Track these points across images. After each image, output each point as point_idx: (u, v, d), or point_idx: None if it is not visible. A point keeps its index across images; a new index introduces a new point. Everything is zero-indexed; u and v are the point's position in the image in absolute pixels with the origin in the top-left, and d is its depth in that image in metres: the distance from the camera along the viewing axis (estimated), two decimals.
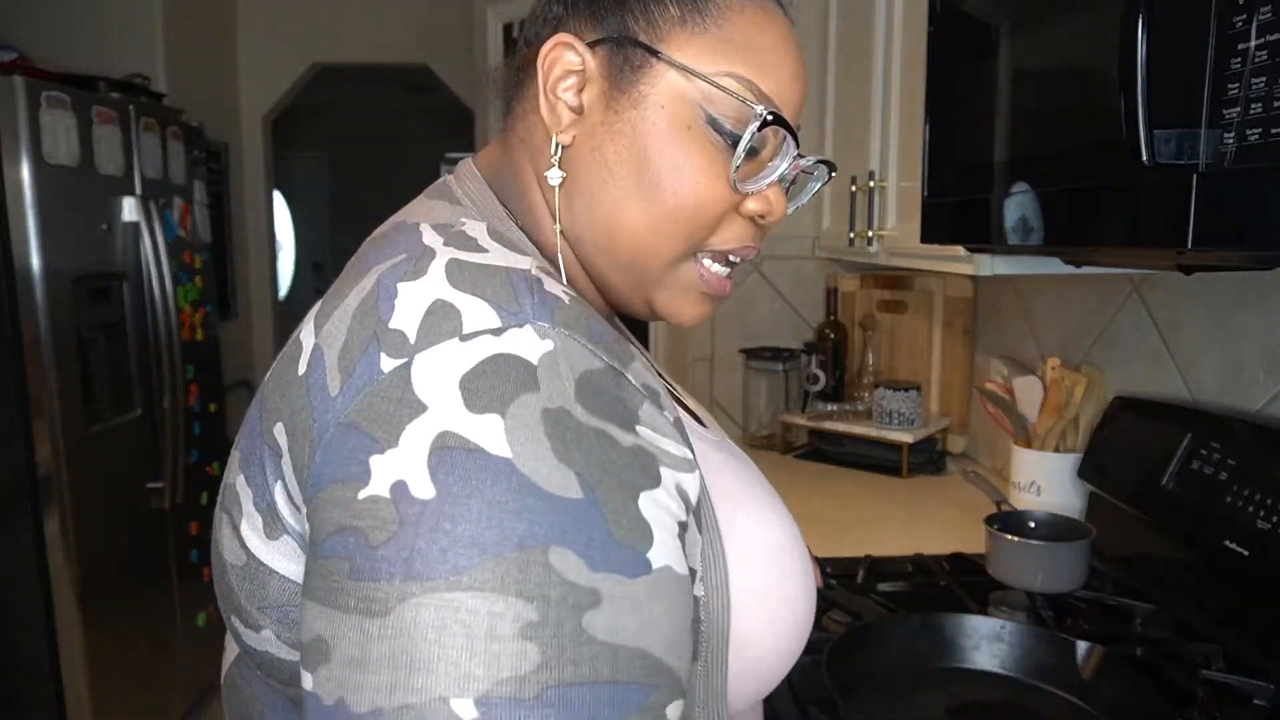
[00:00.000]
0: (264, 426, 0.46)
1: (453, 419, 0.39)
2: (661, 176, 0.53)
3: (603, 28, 0.54)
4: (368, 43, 3.71)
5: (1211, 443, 1.11)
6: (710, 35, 0.53)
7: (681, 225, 0.54)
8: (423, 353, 0.41)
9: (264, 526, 0.46)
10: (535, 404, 0.40)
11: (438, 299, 0.43)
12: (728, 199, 0.54)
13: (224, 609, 0.52)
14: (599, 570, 0.39)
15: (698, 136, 0.53)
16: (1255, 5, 0.57)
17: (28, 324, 2.02)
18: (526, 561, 0.37)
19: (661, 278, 0.56)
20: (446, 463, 0.38)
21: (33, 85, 1.99)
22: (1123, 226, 0.74)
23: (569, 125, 0.54)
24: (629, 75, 0.53)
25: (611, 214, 0.54)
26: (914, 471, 1.87)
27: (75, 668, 2.15)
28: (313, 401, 0.43)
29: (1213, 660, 0.99)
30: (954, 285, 2.01)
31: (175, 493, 2.47)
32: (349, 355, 0.43)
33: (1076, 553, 1.18)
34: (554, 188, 0.55)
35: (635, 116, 0.53)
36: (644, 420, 0.44)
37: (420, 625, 0.36)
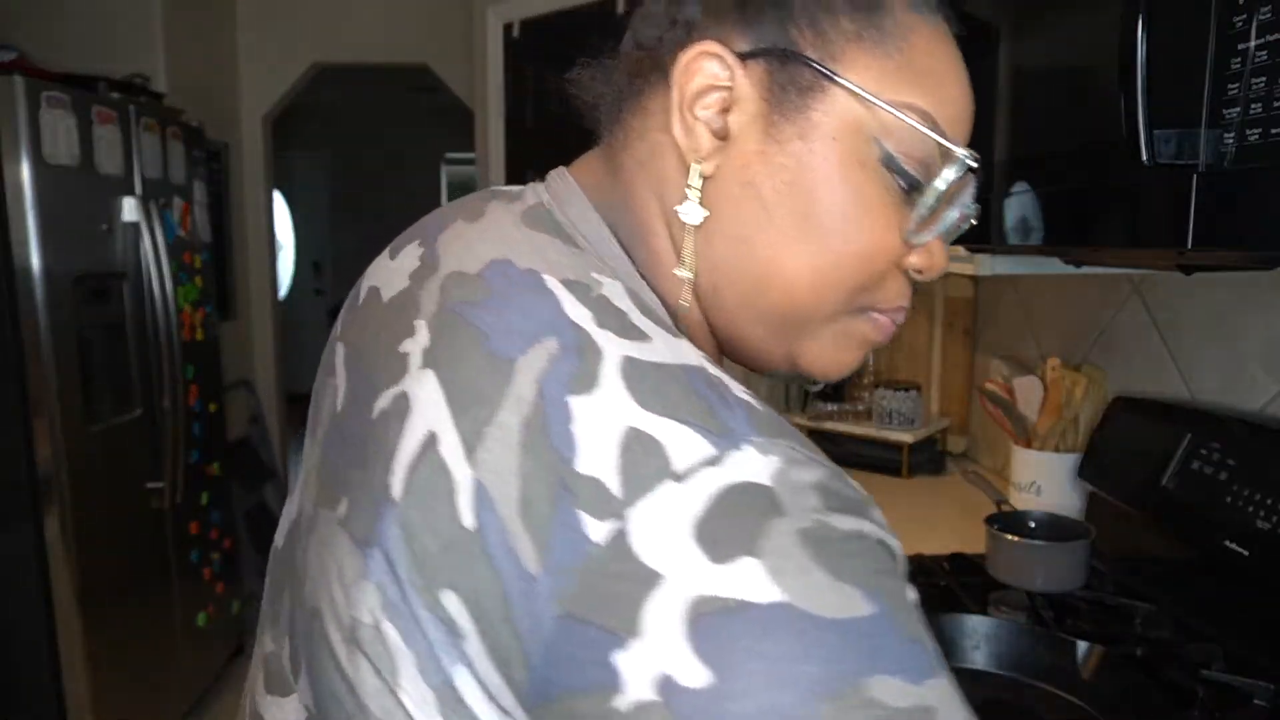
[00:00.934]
0: (422, 579, 0.37)
1: (700, 580, 0.32)
2: (831, 221, 0.44)
3: (757, 38, 0.45)
4: (368, 43, 3.71)
5: (1211, 443, 1.11)
6: (892, 58, 0.45)
7: (848, 278, 0.46)
8: (636, 507, 0.33)
9: (440, 707, 0.37)
10: (788, 529, 0.33)
11: (629, 428, 0.35)
12: (898, 251, 0.46)
13: None
14: (920, 682, 0.33)
15: (871, 176, 0.45)
16: (1255, 5, 0.57)
17: (28, 324, 2.02)
18: (843, 708, 0.31)
19: (816, 331, 0.48)
20: (711, 634, 0.31)
21: (33, 85, 1.99)
22: (1123, 226, 0.74)
23: (711, 152, 0.45)
24: (795, 98, 0.44)
25: (767, 262, 0.45)
26: (914, 471, 1.87)
27: (75, 668, 2.15)
28: (505, 583, 0.34)
29: (1213, 660, 0.99)
30: (954, 285, 2.01)
31: (175, 493, 2.47)
32: (536, 515, 0.34)
33: (1076, 553, 1.18)
34: (690, 227, 0.45)
35: (802, 149, 0.44)
36: (871, 510, 0.38)
37: None
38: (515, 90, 3.00)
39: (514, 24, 2.96)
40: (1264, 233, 0.58)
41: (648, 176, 0.48)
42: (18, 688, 2.16)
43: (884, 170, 0.45)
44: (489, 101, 3.07)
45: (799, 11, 0.44)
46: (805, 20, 0.44)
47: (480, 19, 3.05)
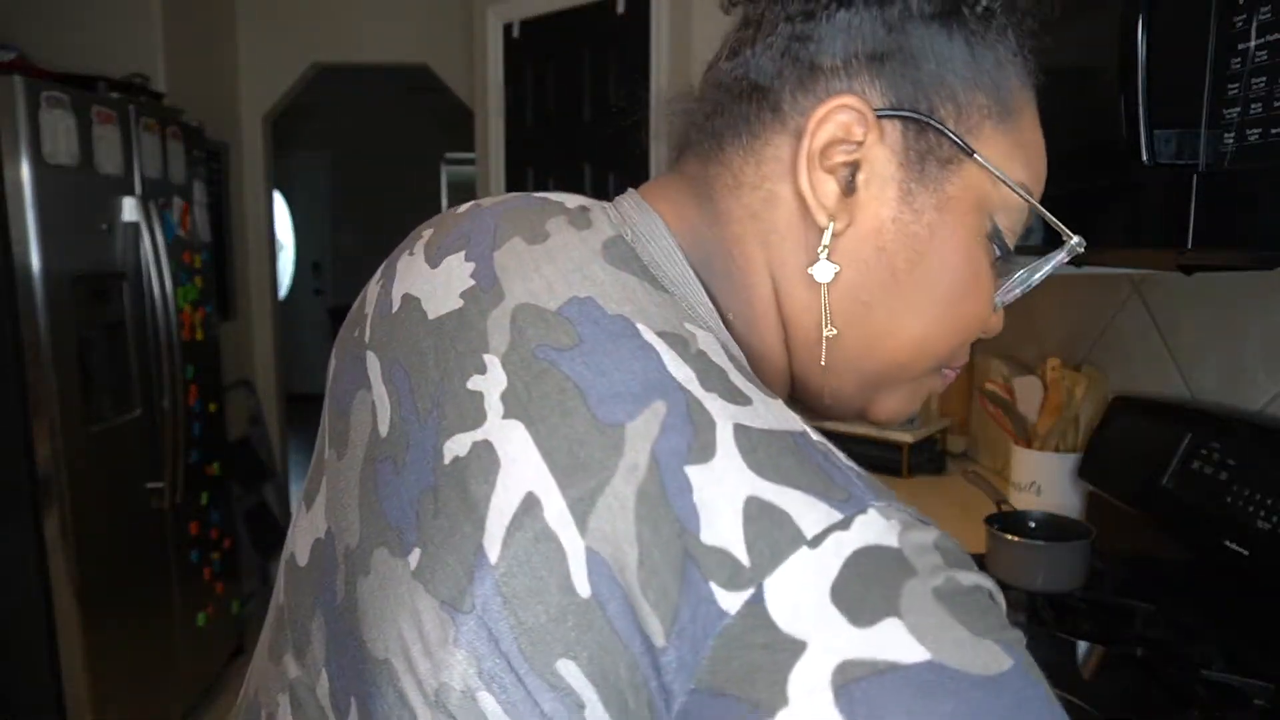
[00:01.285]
0: (528, 648, 0.35)
1: (845, 644, 0.31)
2: (953, 294, 0.45)
3: (896, 98, 0.43)
4: (368, 43, 3.71)
5: (1211, 443, 1.11)
6: (1010, 135, 0.46)
7: (951, 344, 0.47)
8: (771, 576, 0.32)
9: None
10: (923, 589, 0.33)
11: (750, 497, 0.34)
12: (987, 316, 0.48)
13: None
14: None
15: (984, 250, 0.46)
16: (1255, 5, 0.57)
17: (28, 324, 2.02)
18: None
19: (900, 387, 0.49)
20: (861, 699, 0.31)
21: (33, 85, 1.99)
22: (1123, 227, 0.74)
23: (837, 211, 0.43)
24: (935, 170, 0.44)
25: (885, 325, 0.45)
26: (914, 471, 1.87)
27: (75, 668, 2.15)
28: (632, 651, 0.34)
29: (1213, 660, 0.99)
30: None
31: (175, 493, 2.47)
32: (659, 586, 0.33)
33: (1076, 553, 1.18)
34: (825, 285, 0.44)
35: (937, 220, 0.44)
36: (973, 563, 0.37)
37: None
38: (515, 90, 3.00)
39: (514, 24, 2.96)
40: (1264, 233, 0.58)
41: (759, 226, 0.45)
42: (18, 688, 2.16)
43: (989, 242, 0.46)
44: (489, 101, 3.07)
45: (942, 83, 0.44)
46: (946, 93, 0.44)
47: (480, 19, 3.05)
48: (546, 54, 2.87)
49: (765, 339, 0.47)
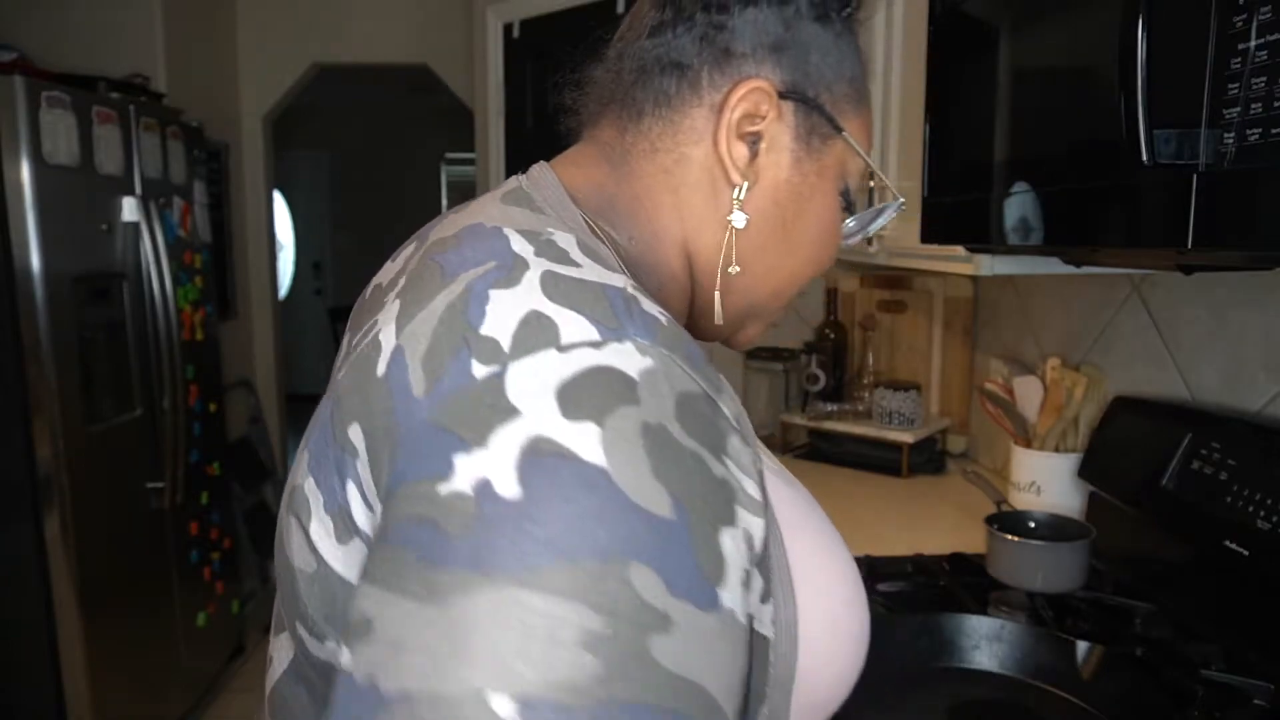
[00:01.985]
0: (337, 428, 0.44)
1: (547, 425, 0.37)
2: (821, 239, 0.58)
3: (791, 83, 0.53)
4: (368, 43, 3.71)
5: (1211, 443, 1.11)
6: (862, 117, 0.57)
7: (809, 277, 0.60)
8: (518, 361, 0.39)
9: (335, 531, 0.44)
10: (635, 418, 0.38)
11: (533, 310, 0.41)
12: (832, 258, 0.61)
13: (286, 616, 0.49)
14: (676, 596, 0.37)
15: (836, 205, 0.58)
16: (1255, 5, 0.57)
17: (28, 324, 2.02)
18: (605, 573, 0.35)
19: (769, 316, 0.61)
20: (537, 467, 0.37)
21: (33, 85, 1.99)
22: (1123, 226, 0.74)
23: (746, 172, 0.53)
24: (817, 143, 0.55)
25: (776, 260, 0.57)
26: (914, 471, 1.87)
27: (75, 668, 2.15)
28: (395, 402, 0.41)
29: (1213, 660, 0.99)
30: (954, 285, 2.01)
31: (175, 493, 2.47)
32: (436, 358, 0.41)
33: (1076, 553, 1.18)
34: (734, 229, 0.54)
35: (817, 185, 0.56)
36: (731, 453, 0.42)
37: (474, 616, 0.35)
38: (515, 90, 3.00)
39: (514, 24, 2.96)
40: (1264, 233, 0.58)
41: (670, 181, 0.55)
42: (18, 688, 2.16)
43: (841, 199, 0.58)
44: (489, 101, 3.07)
45: (822, 74, 0.54)
46: (824, 83, 0.54)
47: (480, 19, 3.05)
48: (546, 54, 2.87)
49: (670, 266, 0.56)
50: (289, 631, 0.49)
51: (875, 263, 1.83)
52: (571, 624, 0.35)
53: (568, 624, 0.35)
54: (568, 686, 0.34)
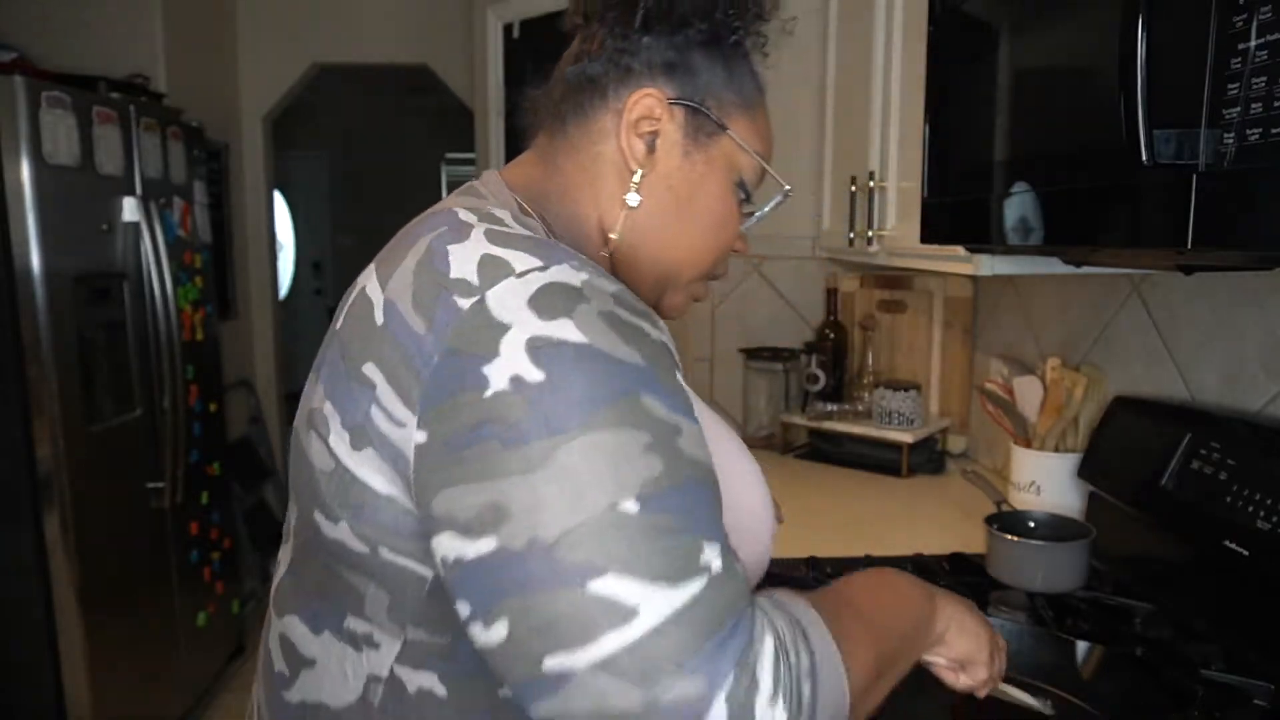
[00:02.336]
0: (349, 367, 0.57)
1: (534, 328, 0.52)
2: (713, 218, 0.71)
3: (680, 93, 0.68)
4: (368, 43, 3.71)
5: (1211, 443, 1.11)
6: (748, 121, 0.71)
7: (715, 254, 0.73)
8: (490, 290, 0.53)
9: (351, 441, 0.57)
10: (591, 310, 0.53)
11: (485, 254, 0.55)
12: (733, 241, 0.74)
13: (305, 507, 0.62)
14: (673, 411, 0.53)
15: (732, 192, 0.71)
16: (1255, 5, 0.57)
17: (28, 324, 2.02)
18: (629, 405, 0.51)
19: (683, 286, 0.73)
20: (544, 355, 0.51)
21: (33, 85, 1.99)
22: (1123, 226, 0.74)
23: (644, 162, 0.68)
24: (703, 139, 0.69)
25: (671, 240, 0.70)
26: (914, 471, 1.87)
27: (75, 668, 2.15)
28: (403, 342, 0.54)
29: (1213, 660, 1.00)
30: (954, 285, 2.01)
31: (175, 493, 2.47)
32: (423, 302, 0.54)
33: (1076, 553, 1.18)
34: (628, 208, 0.68)
35: (705, 171, 0.69)
36: (660, 326, 0.58)
37: (573, 463, 0.49)
38: (515, 90, 3.00)
39: (514, 24, 2.96)
40: (1264, 233, 0.58)
41: (586, 174, 0.70)
42: (18, 688, 2.16)
43: (736, 188, 0.71)
44: (489, 101, 3.07)
45: (708, 86, 0.68)
46: (710, 92, 0.69)
47: (480, 19, 3.06)
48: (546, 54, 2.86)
49: (592, 241, 0.70)
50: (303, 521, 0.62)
51: (875, 263, 1.83)
52: (633, 442, 0.50)
53: (631, 443, 0.50)
54: (652, 480, 0.50)
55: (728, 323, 2.31)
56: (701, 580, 0.49)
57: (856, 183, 1.80)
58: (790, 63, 2.21)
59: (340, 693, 0.60)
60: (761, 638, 0.50)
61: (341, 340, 0.59)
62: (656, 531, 0.49)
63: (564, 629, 0.48)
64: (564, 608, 0.48)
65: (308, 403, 0.61)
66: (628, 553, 0.48)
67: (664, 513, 0.49)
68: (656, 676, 0.46)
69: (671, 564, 0.49)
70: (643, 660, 0.46)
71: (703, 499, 0.52)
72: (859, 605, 0.62)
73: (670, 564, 0.49)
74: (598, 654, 0.47)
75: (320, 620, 0.62)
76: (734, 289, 2.30)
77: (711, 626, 0.48)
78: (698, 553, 0.50)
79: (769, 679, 0.49)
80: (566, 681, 0.47)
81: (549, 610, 0.48)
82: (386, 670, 0.58)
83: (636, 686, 0.46)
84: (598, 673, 0.47)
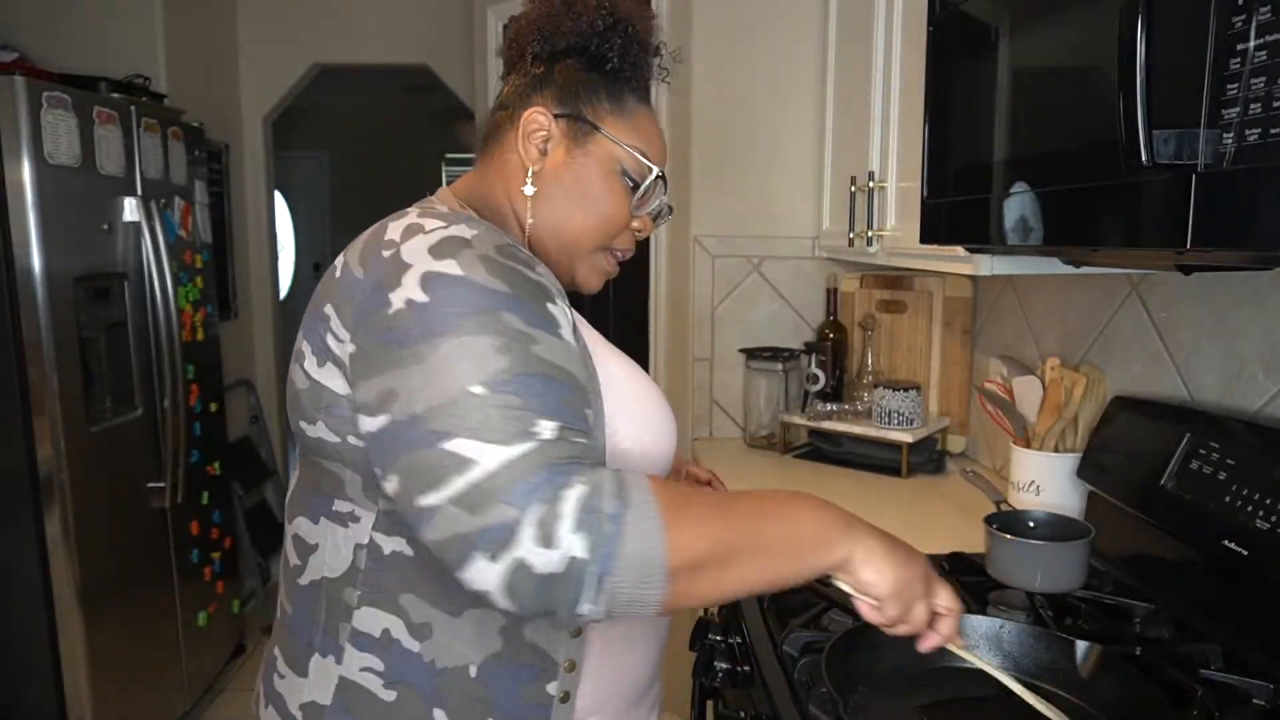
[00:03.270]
0: (315, 310, 0.78)
1: (428, 264, 0.72)
2: (595, 201, 0.89)
3: (563, 107, 0.88)
4: (368, 43, 3.71)
5: (1210, 443, 1.11)
6: (626, 123, 0.90)
7: (601, 230, 0.90)
8: (405, 243, 0.74)
9: (319, 361, 0.77)
10: (474, 253, 0.73)
11: (410, 223, 0.77)
12: (627, 219, 0.91)
13: (294, 421, 0.81)
14: (532, 326, 0.71)
15: (615, 180, 0.89)
16: (1255, 5, 0.57)
17: (28, 324, 2.02)
18: (489, 318, 0.69)
19: (583, 259, 0.92)
20: (430, 282, 0.70)
21: (33, 85, 1.99)
22: (1122, 226, 0.74)
23: (537, 160, 0.88)
24: (581, 139, 0.88)
25: (564, 218, 0.89)
26: (914, 471, 1.87)
27: (76, 667, 2.15)
28: (349, 284, 0.75)
29: (1212, 660, 1.00)
30: (953, 285, 2.01)
31: (176, 492, 2.48)
32: (365, 258, 0.76)
33: (1076, 553, 1.18)
34: (528, 197, 0.88)
35: (584, 163, 0.88)
36: (542, 272, 0.77)
37: (443, 356, 0.68)
38: None
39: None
40: (1263, 233, 0.58)
41: (501, 175, 0.90)
42: (18, 688, 2.16)
43: (622, 177, 0.89)
44: (489, 101, 3.07)
45: (584, 97, 0.88)
46: (586, 102, 0.88)
47: (480, 19, 3.06)
48: None
49: (513, 230, 0.90)
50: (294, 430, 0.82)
51: (875, 263, 1.83)
52: (487, 344, 0.68)
53: (486, 345, 0.68)
54: (499, 371, 0.67)
55: (728, 323, 2.31)
56: (531, 443, 0.66)
57: (856, 183, 1.80)
58: (790, 63, 2.21)
59: (336, 564, 0.80)
60: (574, 484, 0.64)
61: (314, 296, 0.80)
62: (497, 409, 0.66)
63: (428, 476, 0.66)
64: (426, 461, 0.66)
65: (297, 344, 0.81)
66: (472, 422, 0.65)
67: (506, 395, 0.66)
68: (485, 507, 0.63)
69: (505, 431, 0.65)
70: (478, 495, 0.64)
71: (548, 390, 0.69)
72: (728, 502, 0.73)
73: (504, 431, 0.65)
74: (449, 493, 0.65)
75: (317, 510, 0.82)
76: (734, 289, 2.31)
77: (530, 475, 0.64)
78: (530, 425, 0.66)
79: (571, 513, 0.63)
80: (433, 513, 0.65)
81: (418, 464, 0.66)
82: (367, 538, 0.78)
83: (473, 514, 0.64)
84: (449, 505, 0.65)
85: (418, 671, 0.78)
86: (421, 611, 0.77)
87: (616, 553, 0.63)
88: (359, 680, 0.79)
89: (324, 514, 0.80)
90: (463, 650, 0.78)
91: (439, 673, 0.78)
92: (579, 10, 0.89)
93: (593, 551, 0.62)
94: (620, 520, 0.64)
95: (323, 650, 0.80)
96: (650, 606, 0.65)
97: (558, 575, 0.62)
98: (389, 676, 0.78)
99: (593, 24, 0.88)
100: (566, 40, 0.89)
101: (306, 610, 0.82)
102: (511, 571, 0.62)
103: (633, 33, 0.90)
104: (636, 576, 0.63)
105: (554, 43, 0.89)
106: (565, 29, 0.89)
